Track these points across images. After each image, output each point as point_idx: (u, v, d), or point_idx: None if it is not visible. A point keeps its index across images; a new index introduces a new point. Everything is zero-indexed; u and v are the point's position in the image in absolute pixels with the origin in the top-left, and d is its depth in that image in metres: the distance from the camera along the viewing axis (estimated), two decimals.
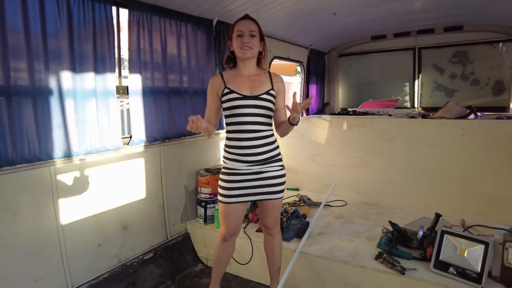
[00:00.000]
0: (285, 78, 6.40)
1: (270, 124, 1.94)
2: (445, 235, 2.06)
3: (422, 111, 4.61)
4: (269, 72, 1.99)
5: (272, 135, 1.96)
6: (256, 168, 1.89)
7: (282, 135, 1.99)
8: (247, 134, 1.85)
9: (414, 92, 4.88)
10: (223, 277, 2.20)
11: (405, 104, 4.98)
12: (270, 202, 1.98)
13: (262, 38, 1.94)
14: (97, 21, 2.14)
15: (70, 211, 2.13)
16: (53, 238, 2.05)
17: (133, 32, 2.38)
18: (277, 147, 1.98)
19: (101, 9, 2.16)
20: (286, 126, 1.89)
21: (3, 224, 1.81)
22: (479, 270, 1.87)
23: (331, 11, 3.52)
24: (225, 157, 1.95)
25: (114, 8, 2.27)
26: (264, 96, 1.87)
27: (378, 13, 3.66)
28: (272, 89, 1.90)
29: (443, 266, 2.01)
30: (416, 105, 4.89)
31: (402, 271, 2.03)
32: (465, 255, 1.95)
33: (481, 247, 1.91)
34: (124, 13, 2.38)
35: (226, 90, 1.86)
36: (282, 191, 1.99)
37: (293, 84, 10.29)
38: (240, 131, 1.86)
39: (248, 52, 1.85)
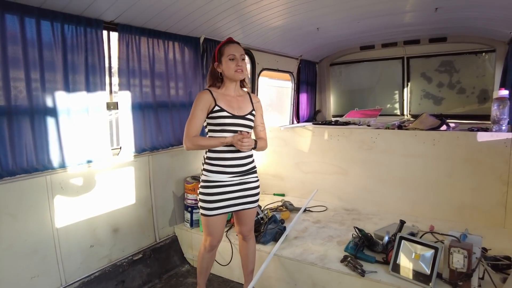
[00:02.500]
0: (280, 83, 6.61)
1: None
2: (403, 241, 2.24)
3: (412, 118, 4.78)
4: (248, 93, 2.20)
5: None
6: (237, 180, 2.09)
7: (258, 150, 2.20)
8: (232, 148, 2.04)
9: (403, 100, 5.04)
10: None
11: (395, 111, 5.16)
12: (247, 212, 2.18)
13: None
14: (89, 45, 2.39)
15: (65, 215, 2.37)
16: (49, 240, 2.29)
17: (122, 52, 2.62)
18: (253, 160, 2.20)
19: (93, 33, 2.40)
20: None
21: (3, 227, 2.06)
22: (429, 273, 2.05)
23: (314, 27, 3.72)
24: (206, 170, 2.06)
25: (104, 32, 2.51)
26: (248, 116, 2.09)
27: (362, 26, 3.84)
28: (253, 109, 2.14)
29: (400, 269, 2.19)
30: (405, 112, 5.06)
31: (362, 273, 2.22)
32: (419, 259, 2.13)
33: (432, 252, 2.09)
34: (114, 35, 2.62)
35: (217, 108, 1.99)
36: (258, 200, 2.21)
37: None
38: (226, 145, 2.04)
39: (241, 74, 2.04)
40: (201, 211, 2.09)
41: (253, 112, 2.13)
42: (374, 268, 2.28)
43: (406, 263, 2.17)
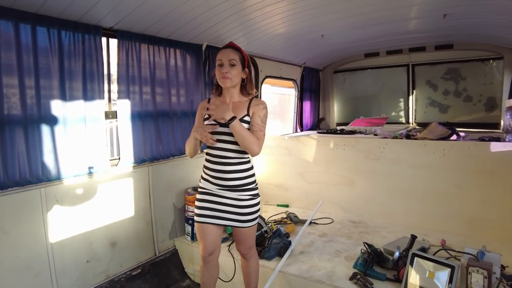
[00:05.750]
0: (284, 91, 6.53)
1: (244, 152, 1.93)
2: (416, 258, 2.12)
3: (417, 126, 4.69)
4: (252, 98, 1.99)
5: (245, 163, 1.96)
6: (225, 193, 1.93)
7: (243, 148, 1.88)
8: (215, 159, 1.92)
9: (408, 108, 4.95)
10: None
11: (400, 119, 5.06)
12: (239, 230, 2.00)
13: (245, 65, 1.95)
14: (86, 52, 2.30)
15: (60, 229, 2.26)
16: (43, 255, 2.18)
17: (122, 60, 2.53)
18: (250, 175, 1.98)
19: (91, 40, 2.32)
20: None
21: None
22: None
23: (319, 33, 3.64)
24: (201, 176, 2.03)
25: (103, 39, 2.43)
26: None
27: (367, 33, 3.76)
28: (247, 114, 1.92)
29: None
30: (410, 120, 4.96)
31: None
32: (434, 278, 2.01)
33: (447, 271, 1.97)
34: (113, 42, 2.53)
35: (206, 116, 1.94)
36: (251, 220, 1.99)
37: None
38: (210, 155, 1.95)
39: (227, 82, 1.88)
40: (194, 216, 2.05)
41: (246, 117, 1.91)
42: (385, 287, 2.17)
43: (420, 282, 2.05)
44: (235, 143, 1.89)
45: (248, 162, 2.00)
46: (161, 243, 2.98)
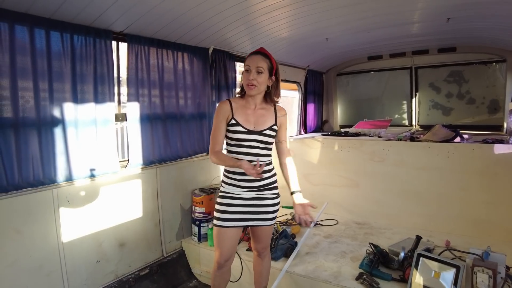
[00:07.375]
0: (289, 93, 6.56)
1: (269, 154, 2.02)
2: (421, 258, 2.15)
3: (420, 129, 4.71)
4: (274, 105, 2.04)
5: (270, 163, 2.03)
6: (251, 194, 1.99)
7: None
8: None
9: (411, 110, 4.98)
10: None
11: (403, 122, 5.09)
12: (262, 228, 2.07)
13: (273, 73, 1.94)
14: (97, 55, 2.35)
15: (71, 229, 2.31)
16: (54, 255, 2.23)
17: (131, 63, 2.59)
18: (274, 175, 2.06)
19: (102, 44, 2.37)
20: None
21: (8, 243, 2.00)
22: None
23: (324, 37, 3.68)
24: (223, 181, 2.03)
25: (114, 42, 2.48)
26: (267, 131, 1.96)
27: (371, 36, 3.80)
28: (275, 124, 1.99)
29: None
30: (413, 123, 4.99)
31: None
32: (439, 278, 2.04)
33: (453, 271, 2.00)
34: (123, 45, 2.58)
35: (233, 121, 1.92)
36: (274, 218, 2.08)
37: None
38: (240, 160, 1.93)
39: (252, 90, 1.89)
40: (214, 221, 2.04)
41: (274, 126, 1.99)
42: (391, 287, 2.20)
43: (425, 282, 2.07)
44: (265, 148, 1.97)
45: (271, 162, 2.06)
46: (169, 243, 3.02)
